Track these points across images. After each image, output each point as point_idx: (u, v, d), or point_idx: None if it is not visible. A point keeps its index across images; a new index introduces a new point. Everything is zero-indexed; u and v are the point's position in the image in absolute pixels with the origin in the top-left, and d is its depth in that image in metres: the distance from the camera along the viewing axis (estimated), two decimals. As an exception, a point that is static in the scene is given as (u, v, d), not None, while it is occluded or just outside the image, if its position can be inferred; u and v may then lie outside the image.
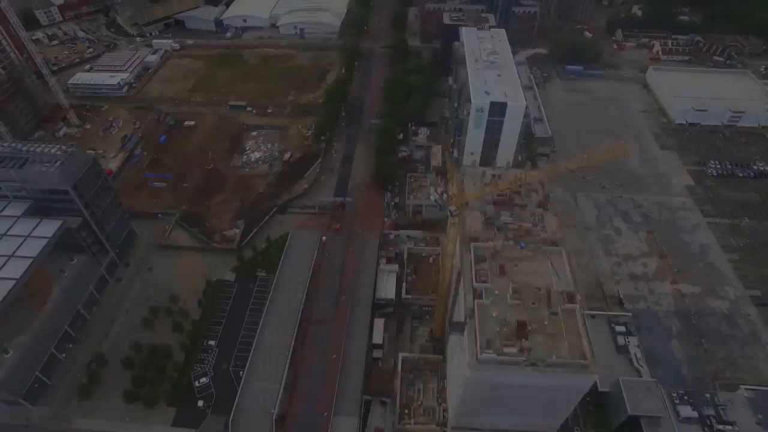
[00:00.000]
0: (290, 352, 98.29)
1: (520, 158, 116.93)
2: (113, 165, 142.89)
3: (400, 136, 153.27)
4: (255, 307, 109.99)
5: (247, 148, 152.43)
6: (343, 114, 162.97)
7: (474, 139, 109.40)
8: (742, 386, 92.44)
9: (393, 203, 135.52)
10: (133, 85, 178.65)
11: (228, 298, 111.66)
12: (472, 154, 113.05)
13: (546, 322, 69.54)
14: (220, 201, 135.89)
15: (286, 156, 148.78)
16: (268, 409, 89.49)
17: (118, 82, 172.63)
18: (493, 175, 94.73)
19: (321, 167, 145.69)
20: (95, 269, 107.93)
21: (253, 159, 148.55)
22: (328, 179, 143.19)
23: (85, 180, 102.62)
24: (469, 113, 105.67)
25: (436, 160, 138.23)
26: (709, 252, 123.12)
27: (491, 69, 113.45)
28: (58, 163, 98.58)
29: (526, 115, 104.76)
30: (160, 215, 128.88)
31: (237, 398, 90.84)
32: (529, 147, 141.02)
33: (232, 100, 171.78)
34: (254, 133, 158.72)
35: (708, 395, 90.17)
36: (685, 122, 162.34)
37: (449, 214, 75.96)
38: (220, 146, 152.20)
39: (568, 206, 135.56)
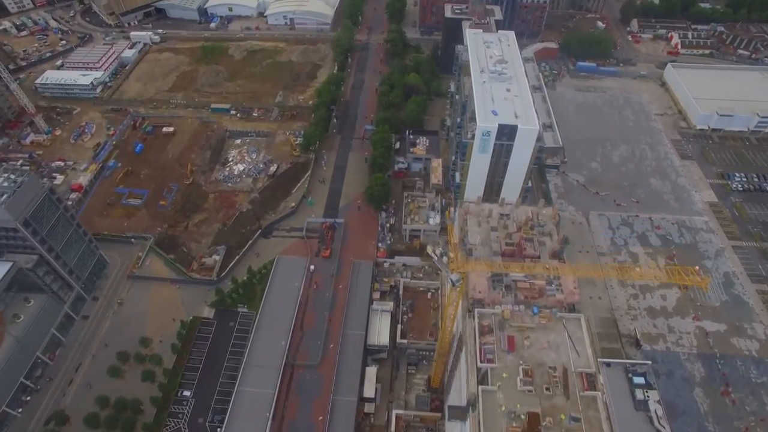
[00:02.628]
0: (272, 408, 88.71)
1: (530, 182, 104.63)
2: (84, 179, 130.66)
3: (397, 145, 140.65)
4: (235, 349, 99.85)
5: (230, 159, 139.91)
6: (335, 120, 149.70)
7: (478, 164, 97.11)
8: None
9: (388, 225, 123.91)
10: (108, 84, 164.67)
11: (206, 339, 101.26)
12: (475, 183, 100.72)
13: (563, 416, 59.09)
14: (200, 221, 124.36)
15: (272, 169, 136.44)
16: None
17: (91, 82, 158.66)
18: (501, 215, 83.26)
19: (310, 181, 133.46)
20: (57, 310, 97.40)
21: (236, 172, 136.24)
22: (318, 194, 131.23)
23: (39, 213, 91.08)
24: (473, 136, 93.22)
25: (436, 177, 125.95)
26: (735, 282, 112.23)
27: (499, 82, 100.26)
28: (5, 196, 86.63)
29: (539, 138, 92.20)
30: (133, 240, 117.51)
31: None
32: (539, 169, 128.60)
33: (215, 101, 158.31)
34: (238, 141, 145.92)
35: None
36: (707, 127, 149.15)
37: (450, 282, 64.67)
38: (200, 157, 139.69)
39: (579, 228, 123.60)
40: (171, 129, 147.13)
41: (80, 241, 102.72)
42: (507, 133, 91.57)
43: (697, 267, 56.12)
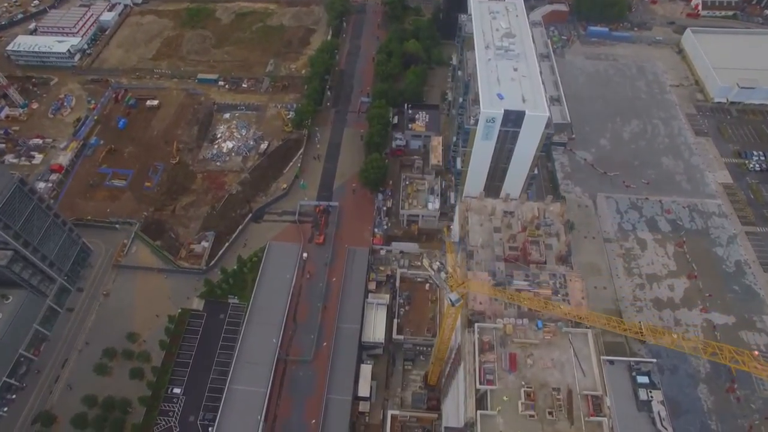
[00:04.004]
0: (264, 408, 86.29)
1: (536, 169, 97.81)
2: (64, 159, 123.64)
3: (395, 120, 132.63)
4: (226, 343, 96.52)
5: (218, 136, 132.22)
6: (329, 93, 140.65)
7: (481, 151, 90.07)
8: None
9: (385, 208, 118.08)
10: (87, 51, 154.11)
11: (196, 332, 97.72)
12: (478, 170, 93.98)
13: (567, 444, 55.76)
14: (187, 204, 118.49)
15: (263, 146, 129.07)
16: (239, 482, 78.99)
17: (69, 49, 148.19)
18: (505, 212, 77.42)
19: (303, 160, 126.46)
20: (38, 304, 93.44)
21: (225, 150, 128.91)
22: (311, 174, 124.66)
23: (10, 207, 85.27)
24: (476, 122, 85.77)
25: (436, 157, 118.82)
26: (747, 271, 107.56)
27: (506, 59, 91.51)
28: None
29: (548, 125, 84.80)
30: (117, 225, 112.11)
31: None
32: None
33: (202, 71, 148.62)
34: (227, 116, 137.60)
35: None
36: (725, 100, 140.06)
37: (449, 301, 59.70)
38: (187, 133, 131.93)
39: (585, 212, 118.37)
40: (155, 102, 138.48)
41: (59, 232, 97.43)
42: (513, 119, 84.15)
43: (756, 352, 50.36)
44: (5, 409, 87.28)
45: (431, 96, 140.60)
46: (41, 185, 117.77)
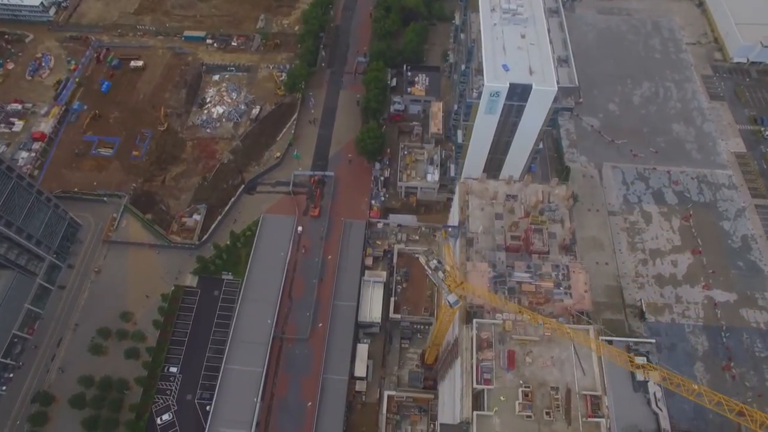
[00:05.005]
0: (261, 388, 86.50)
1: (541, 143, 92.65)
2: (47, 126, 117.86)
3: (393, 83, 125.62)
4: (221, 321, 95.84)
5: (208, 100, 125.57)
6: (323, 53, 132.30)
7: (484, 126, 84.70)
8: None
9: (383, 178, 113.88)
10: (63, 4, 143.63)
11: (190, 309, 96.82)
12: (480, 144, 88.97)
13: (563, 445, 55.08)
14: (177, 174, 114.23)
15: (255, 111, 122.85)
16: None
17: (42, 2, 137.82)
18: (508, 196, 73.58)
19: (297, 125, 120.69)
20: (28, 284, 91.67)
21: (215, 115, 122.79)
22: (306, 141, 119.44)
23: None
24: (479, 95, 79.94)
25: (436, 125, 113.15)
26: (753, 246, 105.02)
27: (513, 24, 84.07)
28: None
29: (556, 99, 79.06)
30: (105, 198, 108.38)
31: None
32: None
33: (188, 27, 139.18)
34: (216, 78, 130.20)
35: (734, 450, 79.68)
36: (745, 60, 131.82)
37: (447, 303, 57.17)
38: (174, 97, 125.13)
39: (590, 183, 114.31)
40: (140, 63, 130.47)
41: (44, 209, 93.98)
42: (519, 93, 78.35)
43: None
44: (4, 388, 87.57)
45: (432, 55, 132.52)
46: (24, 155, 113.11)
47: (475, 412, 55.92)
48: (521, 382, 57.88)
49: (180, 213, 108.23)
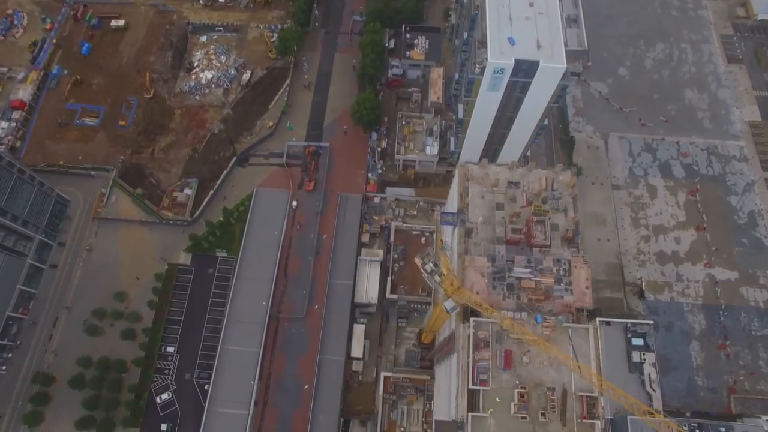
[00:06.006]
0: (258, 367, 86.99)
1: (547, 120, 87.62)
2: (25, 93, 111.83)
3: (391, 44, 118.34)
4: (216, 299, 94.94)
5: (196, 64, 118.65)
6: (317, 12, 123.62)
7: (486, 102, 79.61)
8: (763, 417, 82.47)
9: (379, 149, 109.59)
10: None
11: (185, 288, 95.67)
12: (481, 120, 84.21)
13: (557, 446, 55.23)
14: (167, 146, 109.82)
15: (245, 76, 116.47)
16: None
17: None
18: (510, 183, 70.32)
19: (290, 92, 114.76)
20: (17, 265, 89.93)
21: (203, 81, 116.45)
22: (299, 109, 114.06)
23: (-35, 169, 77.77)
24: (482, 70, 74.43)
25: (435, 93, 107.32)
26: (759, 223, 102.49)
27: (520, -10, 77.18)
28: None
29: (565, 76, 73.65)
30: (93, 172, 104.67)
31: (202, 427, 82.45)
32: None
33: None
34: (203, 39, 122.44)
35: (723, 429, 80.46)
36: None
37: (444, 309, 55.32)
38: (160, 61, 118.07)
39: (595, 154, 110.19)
40: (121, 22, 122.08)
41: (28, 188, 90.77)
42: (525, 69, 72.91)
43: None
44: (3, 367, 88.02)
45: (433, 14, 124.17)
46: (4, 125, 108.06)
47: (470, 414, 55.68)
48: (517, 382, 57.43)
49: (171, 187, 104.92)
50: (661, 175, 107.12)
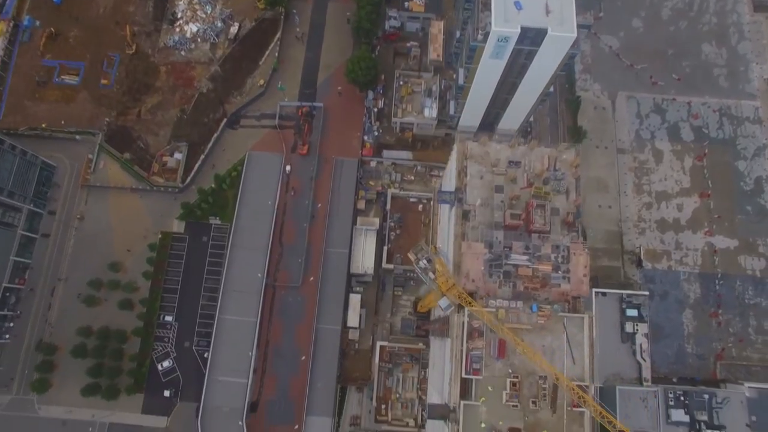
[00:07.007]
0: (256, 336, 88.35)
1: (552, 87, 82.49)
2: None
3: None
4: (212, 267, 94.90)
5: (179, 16, 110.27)
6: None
7: (489, 70, 74.38)
8: (746, 384, 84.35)
9: (376, 109, 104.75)
10: None
11: (180, 257, 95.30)
12: (482, 88, 79.22)
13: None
14: (153, 106, 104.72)
15: (233, 29, 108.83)
16: (238, 406, 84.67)
17: None
18: (511, 162, 67.39)
19: (281, 48, 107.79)
20: (8, 237, 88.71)
21: (188, 34, 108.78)
22: (291, 66, 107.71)
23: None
24: (485, 37, 68.72)
25: (435, 51, 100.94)
26: (765, 189, 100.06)
27: (530, -58, 69.46)
28: None
29: (574, 44, 67.99)
30: (78, 137, 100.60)
31: (204, 394, 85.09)
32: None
33: None
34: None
35: (706, 396, 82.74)
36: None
37: (439, 308, 54.37)
38: (141, 12, 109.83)
39: (602, 115, 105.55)
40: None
41: (9, 158, 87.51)
42: (531, 37, 67.37)
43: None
44: (7, 336, 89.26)
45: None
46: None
47: (462, 402, 56.68)
48: (510, 371, 58.04)
49: (161, 152, 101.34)
50: (669, 138, 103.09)
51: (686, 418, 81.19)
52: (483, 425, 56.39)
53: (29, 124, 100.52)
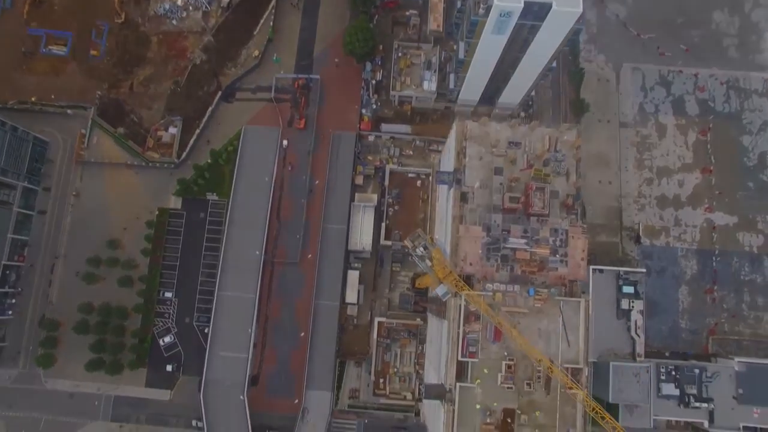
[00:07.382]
0: (255, 314, 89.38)
1: (555, 63, 80.00)
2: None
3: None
4: (210, 243, 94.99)
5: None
6: None
7: (490, 46, 71.76)
8: (735, 358, 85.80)
9: (374, 82, 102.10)
10: None
11: (178, 234, 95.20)
12: (482, 64, 76.74)
13: (538, 413, 57.94)
14: (146, 79, 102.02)
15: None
16: (239, 379, 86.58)
17: None
18: (511, 143, 66.25)
19: (276, 16, 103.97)
20: (4, 215, 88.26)
21: (179, 2, 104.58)
22: (286, 35, 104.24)
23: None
24: (487, 11, 65.93)
25: (435, 21, 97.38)
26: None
27: None
28: None
29: (579, 19, 65.28)
30: (69, 111, 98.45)
31: (205, 370, 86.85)
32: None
33: None
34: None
35: (697, 370, 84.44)
36: None
37: (437, 295, 54.40)
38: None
39: (605, 88, 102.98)
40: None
41: (1, 134, 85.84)
42: (535, 12, 64.72)
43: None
44: (10, 312, 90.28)
45: None
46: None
47: (458, 384, 57.78)
48: (506, 354, 58.89)
49: (155, 126, 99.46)
50: (673, 112, 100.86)
51: (676, 392, 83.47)
52: (478, 406, 57.77)
53: (18, 97, 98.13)
